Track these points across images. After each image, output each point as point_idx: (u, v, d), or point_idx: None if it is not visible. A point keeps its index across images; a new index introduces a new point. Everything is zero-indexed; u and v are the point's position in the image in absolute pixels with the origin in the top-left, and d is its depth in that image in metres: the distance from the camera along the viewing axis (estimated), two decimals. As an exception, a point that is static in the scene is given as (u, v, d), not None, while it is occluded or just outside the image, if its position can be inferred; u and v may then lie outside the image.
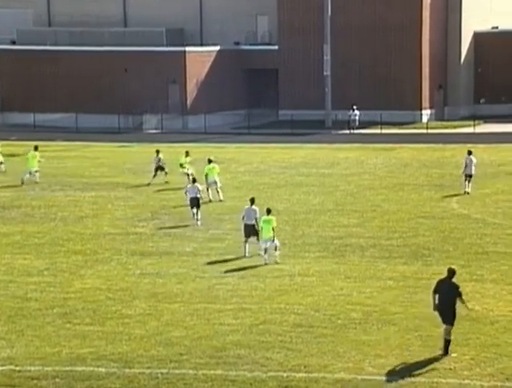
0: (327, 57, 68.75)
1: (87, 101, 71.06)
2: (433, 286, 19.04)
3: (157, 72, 69.96)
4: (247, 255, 27.10)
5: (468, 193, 37.61)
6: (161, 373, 17.46)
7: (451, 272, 18.88)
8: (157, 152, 42.60)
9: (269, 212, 27.09)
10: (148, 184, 41.18)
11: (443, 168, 45.48)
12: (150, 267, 26.14)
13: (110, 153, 55.98)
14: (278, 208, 34.84)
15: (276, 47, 73.27)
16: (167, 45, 72.68)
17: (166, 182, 41.22)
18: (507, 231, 30.25)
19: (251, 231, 27.43)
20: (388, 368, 17.66)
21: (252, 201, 28.16)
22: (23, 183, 41.62)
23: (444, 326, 18.64)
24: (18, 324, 20.52)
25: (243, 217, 27.87)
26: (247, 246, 27.38)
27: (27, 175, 42.22)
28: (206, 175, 36.94)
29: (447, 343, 18.55)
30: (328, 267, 25.74)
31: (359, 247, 28.19)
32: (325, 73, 68.89)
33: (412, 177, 42.91)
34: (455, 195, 37.46)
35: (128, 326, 20.45)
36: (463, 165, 38.69)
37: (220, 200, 36.60)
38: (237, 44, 75.21)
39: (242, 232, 27.69)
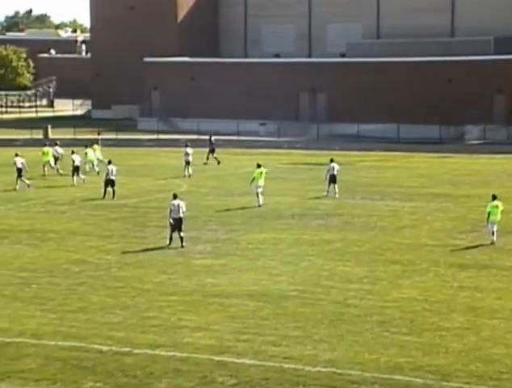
0: None
1: (410, 111, 71.54)
2: None
3: (483, 82, 68.73)
4: None
5: None
6: (480, 390, 17.22)
7: None
8: None
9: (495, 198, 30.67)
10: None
11: None
12: (468, 280, 25.82)
13: (429, 164, 55.95)
14: None
15: None
16: (495, 54, 71.22)
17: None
18: None
19: None
20: None
21: None
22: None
23: None
24: (338, 329, 21.18)
25: None
26: None
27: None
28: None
29: None
30: None
31: None
32: None
33: None
34: None
35: (445, 339, 20.37)
36: None
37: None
38: None
39: None
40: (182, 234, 30.47)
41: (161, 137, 74.13)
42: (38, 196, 42.97)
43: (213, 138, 58.00)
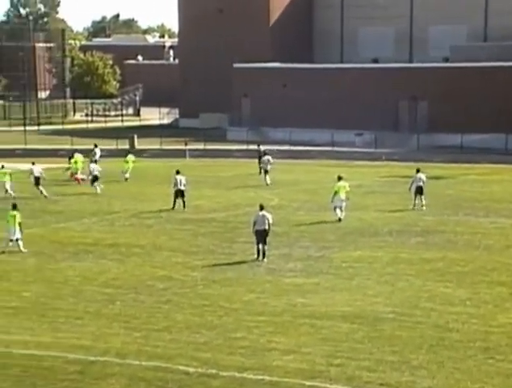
0: None
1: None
2: None
3: None
4: None
5: None
6: None
7: None
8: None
9: None
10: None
11: None
12: None
13: (540, 178, 54.88)
14: None
15: None
16: None
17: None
18: None
19: None
20: None
21: None
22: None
23: None
24: (438, 355, 20.99)
25: None
26: None
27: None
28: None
29: None
30: None
31: None
32: None
33: None
34: None
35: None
36: None
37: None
38: None
39: None
40: (266, 247, 30.90)
41: (252, 147, 74.62)
42: (123, 209, 43.82)
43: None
